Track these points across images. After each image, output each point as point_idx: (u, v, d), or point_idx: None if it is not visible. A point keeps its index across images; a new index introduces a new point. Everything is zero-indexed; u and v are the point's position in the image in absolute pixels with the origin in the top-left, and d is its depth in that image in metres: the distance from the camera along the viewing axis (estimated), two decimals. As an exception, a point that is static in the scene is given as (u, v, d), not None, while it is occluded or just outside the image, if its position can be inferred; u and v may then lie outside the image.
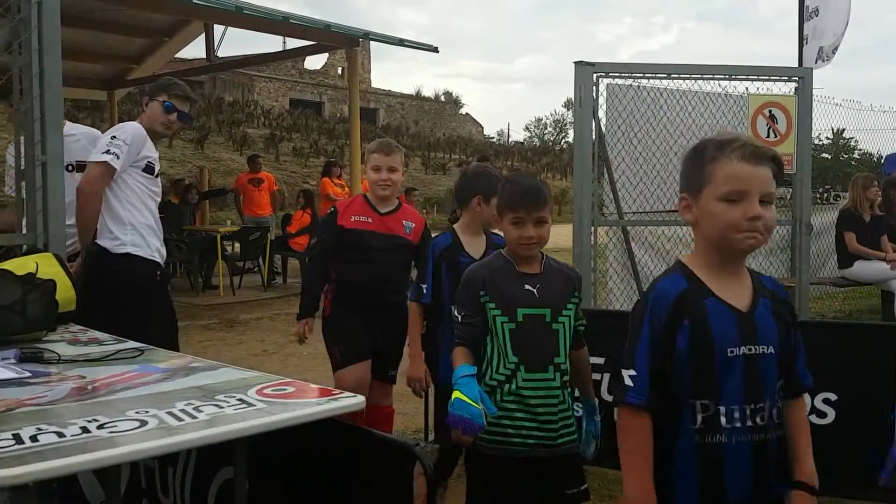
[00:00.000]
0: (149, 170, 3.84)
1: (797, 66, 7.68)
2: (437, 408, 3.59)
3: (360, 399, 1.83)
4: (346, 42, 10.86)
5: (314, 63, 37.31)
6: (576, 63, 4.97)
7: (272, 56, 14.78)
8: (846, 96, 8.98)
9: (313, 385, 1.94)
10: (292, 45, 12.78)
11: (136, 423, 1.62)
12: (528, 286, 2.58)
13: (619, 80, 5.20)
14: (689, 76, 5.21)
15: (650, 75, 5.22)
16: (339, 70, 36.31)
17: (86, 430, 1.58)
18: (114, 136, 3.72)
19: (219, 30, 12.62)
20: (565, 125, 56.13)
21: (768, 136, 5.29)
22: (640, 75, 5.22)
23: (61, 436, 1.54)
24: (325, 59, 36.85)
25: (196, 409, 1.73)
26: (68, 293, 2.91)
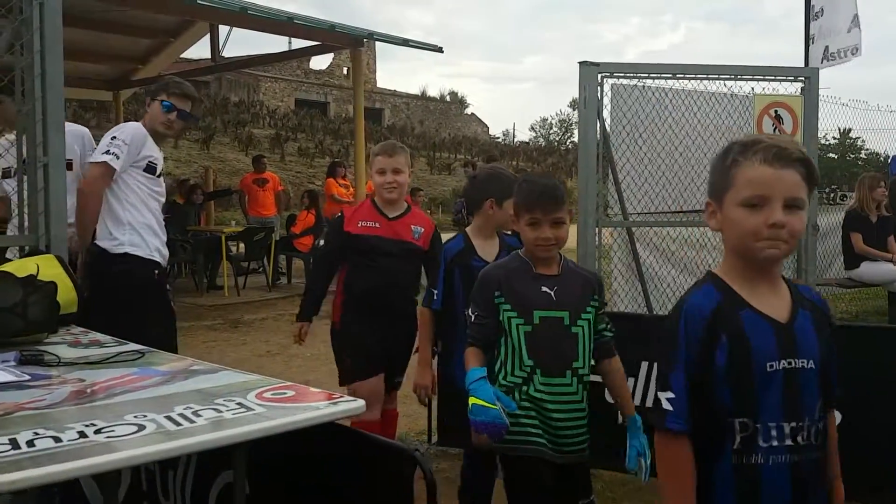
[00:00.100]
0: (150, 169, 3.84)
1: (803, 65, 7.64)
2: (449, 412, 3.54)
3: (360, 403, 1.81)
4: (350, 42, 10.86)
5: (319, 63, 37.36)
6: (580, 63, 4.95)
7: (277, 56, 14.77)
8: (853, 96, 8.91)
9: (313, 389, 1.92)
10: (297, 45, 12.79)
11: (134, 428, 1.61)
12: (544, 288, 2.53)
13: (624, 81, 5.17)
14: (694, 76, 5.18)
15: (655, 75, 5.19)
16: (345, 70, 36.31)
17: (83, 434, 1.57)
18: (114, 137, 3.72)
19: (224, 30, 12.67)
20: (571, 125, 55.98)
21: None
22: (645, 75, 5.19)
23: (58, 441, 1.52)
24: (331, 59, 36.86)
25: (195, 413, 1.72)
26: (70, 295, 2.90)
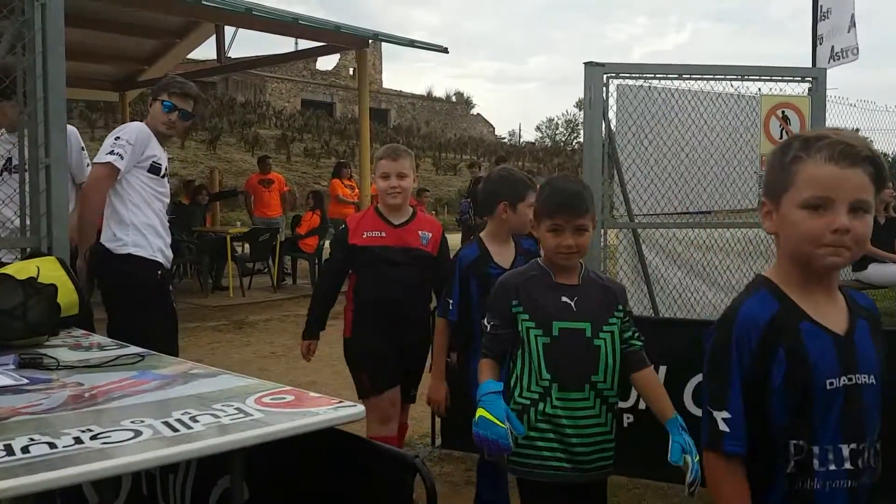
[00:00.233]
0: (154, 170, 3.82)
1: (810, 66, 7.60)
2: (460, 415, 3.46)
3: (360, 409, 1.79)
4: (356, 43, 10.87)
5: (326, 64, 37.45)
6: (585, 64, 4.92)
7: (282, 57, 14.80)
8: (860, 96, 8.87)
9: (313, 394, 1.90)
10: (304, 45, 12.80)
11: (131, 434, 1.59)
12: (564, 298, 2.42)
13: (630, 81, 5.14)
14: (700, 77, 5.14)
15: (661, 76, 5.16)
16: (351, 71, 36.36)
17: (79, 440, 1.55)
18: (117, 137, 3.71)
19: (230, 31, 12.67)
20: (577, 125, 55.94)
21: (781, 137, 5.22)
22: (651, 76, 5.16)
23: (53, 447, 1.50)
24: (337, 59, 36.97)
25: (192, 418, 1.70)
26: (71, 297, 2.88)
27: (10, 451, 1.48)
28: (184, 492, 2.29)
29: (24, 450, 1.49)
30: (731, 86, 5.20)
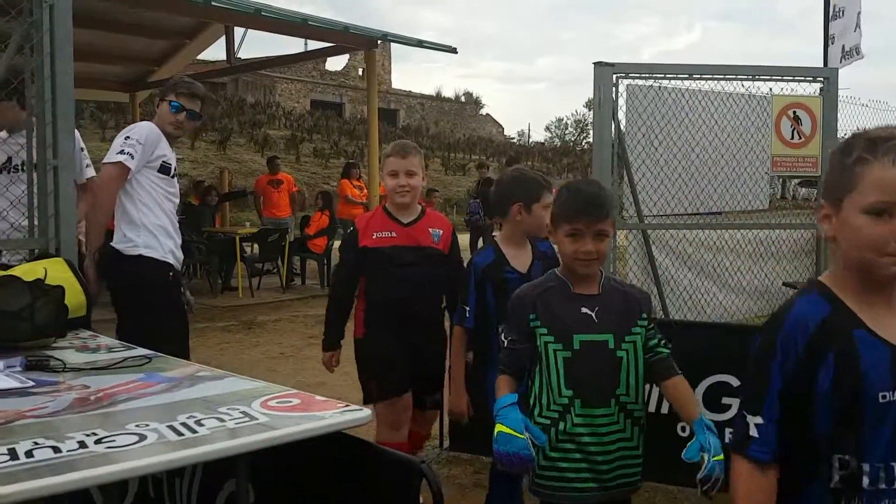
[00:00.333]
0: (164, 170, 3.80)
1: (822, 65, 7.54)
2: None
3: (366, 413, 1.78)
4: (364, 43, 10.86)
5: (335, 64, 37.47)
6: (595, 64, 4.89)
7: (291, 58, 14.80)
8: (872, 96, 8.78)
9: (319, 397, 1.89)
10: (313, 46, 12.81)
11: (136, 438, 1.58)
12: (585, 309, 2.31)
13: (640, 81, 5.11)
14: (711, 77, 5.11)
15: (671, 76, 5.13)
16: (360, 71, 36.37)
17: (83, 444, 1.54)
18: (127, 137, 3.69)
19: (239, 32, 12.68)
20: (586, 125, 55.74)
21: (792, 137, 5.18)
22: (661, 76, 5.13)
23: (57, 451, 1.50)
24: (346, 60, 36.97)
25: (197, 422, 1.69)
26: (79, 298, 2.88)
27: (14, 455, 1.48)
28: (190, 494, 2.29)
29: (29, 454, 1.48)
30: (742, 86, 5.16)
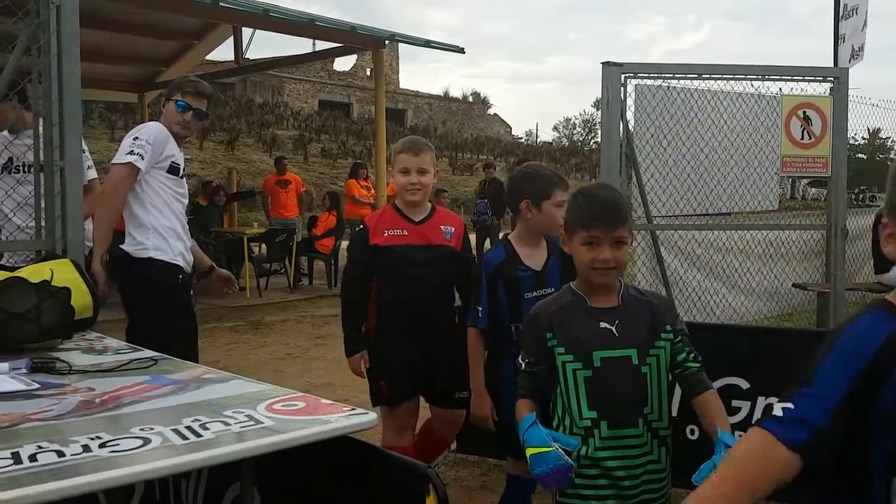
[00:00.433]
0: (173, 170, 3.78)
1: (832, 65, 7.50)
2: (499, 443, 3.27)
3: (372, 417, 1.76)
4: (372, 43, 10.87)
5: (343, 64, 37.50)
6: (603, 64, 4.86)
7: (299, 58, 14.82)
8: (883, 96, 8.73)
9: (325, 401, 1.87)
10: (321, 46, 12.83)
11: (140, 442, 1.57)
12: (604, 324, 2.19)
13: (648, 81, 5.08)
14: (720, 76, 5.07)
15: (680, 76, 5.10)
16: (368, 71, 36.37)
17: (87, 448, 1.53)
18: (136, 137, 3.65)
19: (247, 32, 12.72)
20: (594, 125, 55.72)
21: (802, 138, 5.14)
22: (670, 76, 5.10)
23: (61, 455, 1.49)
24: (354, 60, 37.00)
25: (202, 426, 1.67)
26: (85, 300, 2.87)
27: (17, 459, 1.47)
28: (196, 497, 2.28)
29: (32, 458, 1.47)
30: (752, 86, 5.14)
